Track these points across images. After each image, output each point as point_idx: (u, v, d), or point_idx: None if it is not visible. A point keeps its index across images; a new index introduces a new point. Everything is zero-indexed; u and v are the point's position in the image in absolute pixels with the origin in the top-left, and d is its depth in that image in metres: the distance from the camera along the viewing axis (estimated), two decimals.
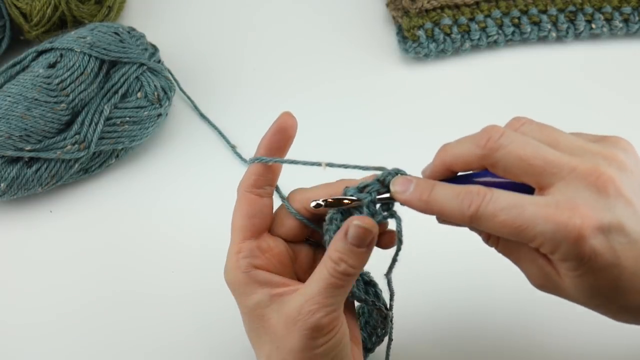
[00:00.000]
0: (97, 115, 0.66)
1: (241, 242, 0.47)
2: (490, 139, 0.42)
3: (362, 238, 0.44)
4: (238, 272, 0.46)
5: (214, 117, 0.72)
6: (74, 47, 0.66)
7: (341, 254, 0.44)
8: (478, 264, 0.60)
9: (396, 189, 0.45)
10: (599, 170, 0.40)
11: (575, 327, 0.58)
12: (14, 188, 0.64)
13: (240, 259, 0.46)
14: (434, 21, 0.74)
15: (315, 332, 0.44)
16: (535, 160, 0.41)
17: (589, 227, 0.39)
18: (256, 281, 0.46)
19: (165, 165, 0.70)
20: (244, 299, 0.46)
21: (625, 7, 0.75)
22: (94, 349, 0.59)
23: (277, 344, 0.45)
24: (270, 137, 0.48)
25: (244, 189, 0.48)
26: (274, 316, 0.45)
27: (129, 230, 0.66)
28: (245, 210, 0.47)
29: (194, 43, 0.79)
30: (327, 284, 0.44)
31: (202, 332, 0.60)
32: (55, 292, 0.62)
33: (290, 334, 0.44)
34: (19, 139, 0.63)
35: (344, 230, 0.44)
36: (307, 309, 0.44)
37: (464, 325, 0.59)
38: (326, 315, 0.44)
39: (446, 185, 0.44)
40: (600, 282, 0.41)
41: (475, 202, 0.41)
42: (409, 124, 0.72)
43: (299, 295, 0.45)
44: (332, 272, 0.44)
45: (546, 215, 0.40)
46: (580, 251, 0.39)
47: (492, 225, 0.41)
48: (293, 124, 0.48)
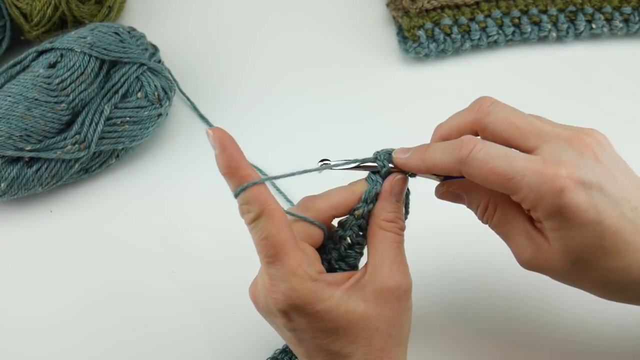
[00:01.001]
0: (98, 115, 0.66)
1: (296, 253, 0.45)
2: (482, 105, 0.47)
3: (401, 191, 0.49)
4: (309, 282, 0.44)
5: (213, 118, 0.72)
6: (74, 47, 0.66)
7: (394, 212, 0.48)
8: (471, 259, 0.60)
9: (398, 155, 0.49)
10: (581, 136, 0.44)
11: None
12: (14, 188, 0.64)
13: (307, 269, 0.45)
14: (434, 21, 0.74)
15: (408, 293, 0.47)
16: (523, 125, 0.45)
17: (572, 181, 0.42)
18: (328, 284, 0.46)
19: (166, 165, 0.70)
20: (321, 305, 0.45)
21: (625, 7, 0.75)
22: (94, 348, 0.59)
23: (375, 326, 0.46)
24: (222, 159, 0.44)
25: (264, 205, 0.44)
26: (359, 305, 0.46)
27: (129, 230, 0.66)
28: (280, 223, 0.44)
29: (194, 43, 0.79)
30: (397, 243, 0.47)
31: (202, 332, 0.60)
32: (56, 291, 0.62)
33: (387, 306, 0.46)
34: (19, 139, 0.63)
35: (388, 191, 0.48)
36: (396, 273, 0.46)
37: (463, 317, 0.60)
38: (409, 275, 0.47)
39: (439, 142, 0.48)
40: (584, 240, 0.43)
41: (466, 147, 0.45)
42: (409, 124, 0.72)
43: (375, 269, 0.46)
44: (395, 230, 0.48)
45: (534, 168, 0.43)
46: (564, 204, 0.42)
47: (481, 172, 0.44)
48: (223, 136, 0.44)
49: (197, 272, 0.63)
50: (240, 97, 0.74)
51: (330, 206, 0.49)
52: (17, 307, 0.62)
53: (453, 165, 0.45)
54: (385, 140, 0.70)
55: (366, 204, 0.49)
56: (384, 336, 0.46)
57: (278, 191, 0.67)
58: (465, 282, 0.61)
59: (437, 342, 0.59)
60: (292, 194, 0.66)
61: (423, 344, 0.58)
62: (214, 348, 0.59)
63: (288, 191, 0.67)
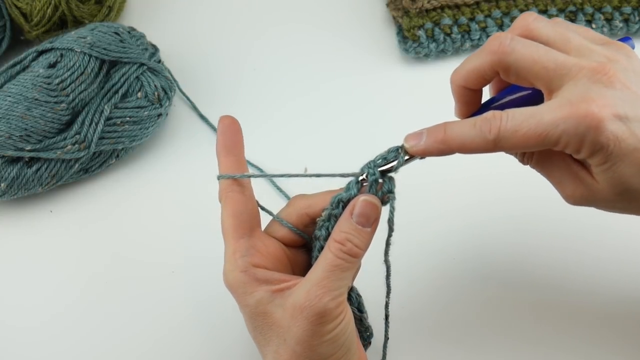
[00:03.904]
0: (98, 115, 0.66)
1: (235, 242, 0.47)
2: (502, 44, 0.45)
3: (367, 215, 0.45)
4: (237, 272, 0.46)
5: (213, 117, 0.72)
6: (74, 47, 0.66)
7: (347, 233, 0.45)
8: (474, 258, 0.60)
9: (410, 144, 0.46)
10: (605, 67, 0.43)
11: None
12: (14, 188, 0.64)
13: (238, 259, 0.46)
14: (434, 21, 0.74)
15: (322, 318, 0.44)
16: (548, 63, 0.43)
17: (607, 114, 0.41)
18: (256, 279, 0.46)
19: (166, 165, 0.70)
20: (245, 298, 0.46)
21: (625, 7, 0.75)
22: (94, 347, 0.59)
23: (284, 337, 0.45)
24: (222, 138, 0.49)
25: (224, 191, 0.48)
26: (277, 311, 0.45)
27: (129, 230, 0.66)
28: (231, 210, 0.48)
29: (194, 43, 0.79)
30: (333, 267, 0.44)
31: (202, 332, 0.60)
32: (55, 291, 0.62)
33: (297, 323, 0.44)
34: (19, 138, 0.63)
35: (350, 210, 0.45)
36: (313, 294, 0.44)
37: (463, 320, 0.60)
38: (333, 300, 0.44)
39: (457, 121, 0.46)
40: (628, 169, 0.42)
41: (495, 125, 0.43)
42: (409, 124, 0.71)
43: (303, 283, 0.45)
44: (337, 253, 0.44)
45: (564, 114, 0.42)
46: (604, 138, 0.41)
47: (516, 142, 0.43)
48: (231, 122, 0.50)
49: (197, 272, 0.63)
50: (240, 97, 0.74)
51: (306, 204, 0.49)
52: (17, 307, 0.62)
53: (485, 146, 0.44)
54: (385, 140, 0.70)
55: (331, 207, 0.47)
56: (288, 351, 0.45)
57: (279, 190, 0.67)
58: (465, 282, 0.61)
59: (438, 342, 0.58)
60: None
61: (423, 344, 0.58)
62: (214, 348, 0.59)
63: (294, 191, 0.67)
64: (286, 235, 0.50)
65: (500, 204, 0.65)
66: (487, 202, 0.65)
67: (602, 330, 0.58)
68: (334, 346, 0.45)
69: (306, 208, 0.49)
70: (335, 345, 0.45)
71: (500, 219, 0.64)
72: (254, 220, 0.48)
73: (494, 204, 0.65)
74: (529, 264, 0.61)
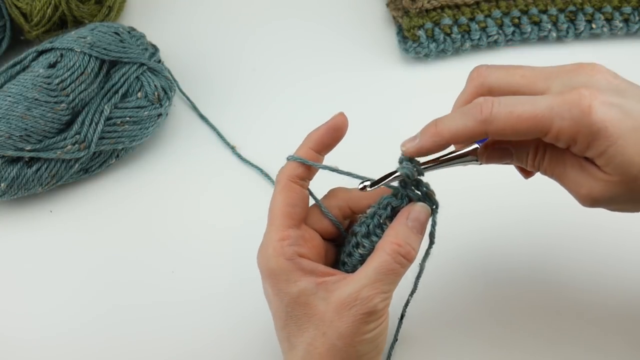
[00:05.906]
0: (97, 115, 0.66)
1: (285, 229, 0.48)
2: (478, 71, 0.47)
3: (422, 222, 0.47)
4: (282, 259, 0.47)
5: (213, 117, 0.72)
6: (74, 47, 0.66)
7: (405, 236, 0.46)
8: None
9: (407, 146, 0.47)
10: (584, 64, 0.45)
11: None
12: (14, 188, 0.64)
13: (286, 246, 0.47)
14: (434, 21, 0.74)
15: (370, 317, 0.45)
16: (527, 72, 0.45)
17: (596, 98, 0.42)
18: (301, 269, 0.46)
19: (166, 165, 0.70)
20: (288, 285, 0.46)
21: (625, 7, 0.75)
22: (94, 347, 0.59)
23: (323, 330, 0.46)
24: (323, 133, 0.50)
25: (287, 177, 0.49)
26: (320, 303, 0.46)
27: (129, 230, 0.66)
28: (290, 199, 0.49)
29: (194, 43, 0.79)
30: (388, 270, 0.46)
31: (202, 332, 0.60)
32: (55, 291, 0.62)
33: (341, 319, 0.45)
34: (19, 139, 0.63)
35: (405, 216, 0.47)
36: (365, 294, 0.45)
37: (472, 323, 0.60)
38: (383, 301, 0.46)
39: (449, 114, 0.46)
40: (633, 149, 0.42)
41: (486, 107, 0.44)
42: (409, 124, 0.71)
43: (353, 281, 0.46)
44: (394, 255, 0.46)
45: (557, 99, 0.42)
46: (598, 119, 0.42)
47: (509, 123, 0.43)
48: (345, 124, 0.51)
49: (197, 272, 0.63)
50: (240, 97, 0.74)
51: (348, 197, 0.50)
52: (17, 306, 0.62)
53: (477, 128, 0.44)
54: (384, 140, 0.70)
55: (379, 206, 0.48)
56: (327, 344, 0.46)
57: None
58: (465, 282, 0.61)
59: (438, 342, 0.58)
60: None
61: (423, 344, 0.58)
62: (214, 348, 0.59)
63: None
64: (326, 227, 0.51)
65: (506, 210, 0.65)
66: (492, 209, 0.65)
67: (609, 333, 0.58)
68: (372, 345, 0.47)
69: (348, 200, 0.51)
70: (373, 345, 0.47)
71: (506, 225, 0.64)
72: (303, 216, 0.49)
73: (498, 210, 0.65)
74: (534, 267, 0.61)
